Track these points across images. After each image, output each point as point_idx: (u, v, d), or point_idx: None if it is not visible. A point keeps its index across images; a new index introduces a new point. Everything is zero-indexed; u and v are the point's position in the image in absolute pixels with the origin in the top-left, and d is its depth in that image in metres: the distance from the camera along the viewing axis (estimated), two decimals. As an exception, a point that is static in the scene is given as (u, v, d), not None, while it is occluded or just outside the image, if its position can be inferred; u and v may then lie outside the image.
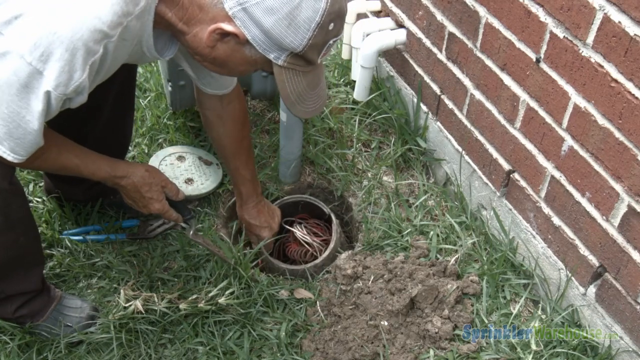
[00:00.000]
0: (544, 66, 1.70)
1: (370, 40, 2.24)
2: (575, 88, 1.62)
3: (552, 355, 1.77)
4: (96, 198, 2.12)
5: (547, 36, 1.65)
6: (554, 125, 1.74)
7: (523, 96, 1.82)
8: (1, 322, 1.77)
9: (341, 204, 2.31)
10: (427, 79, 2.25)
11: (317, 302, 1.93)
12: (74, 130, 1.67)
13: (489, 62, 1.91)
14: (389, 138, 2.43)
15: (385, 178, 2.32)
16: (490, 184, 2.07)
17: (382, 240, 2.10)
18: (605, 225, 1.66)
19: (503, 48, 1.82)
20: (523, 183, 1.92)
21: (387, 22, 2.35)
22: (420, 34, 2.22)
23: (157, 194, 1.75)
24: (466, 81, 2.04)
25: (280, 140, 2.23)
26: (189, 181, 2.21)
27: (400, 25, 2.32)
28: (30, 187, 2.19)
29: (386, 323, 1.85)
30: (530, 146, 1.85)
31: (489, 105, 1.97)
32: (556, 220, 1.83)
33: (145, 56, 1.49)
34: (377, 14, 2.42)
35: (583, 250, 1.76)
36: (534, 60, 1.72)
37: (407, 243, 2.08)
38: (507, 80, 1.86)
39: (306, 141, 2.35)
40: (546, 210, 1.86)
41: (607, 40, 1.47)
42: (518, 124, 1.87)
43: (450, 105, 2.16)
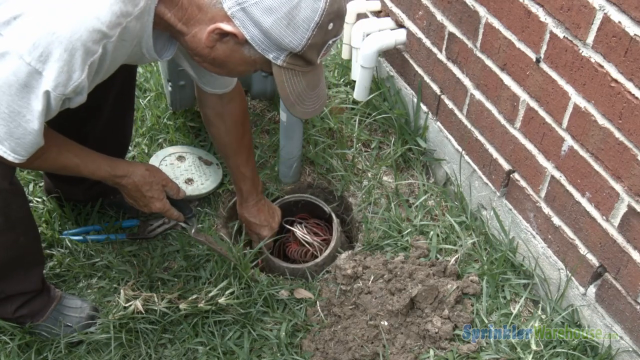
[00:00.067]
0: (544, 66, 1.70)
1: (370, 40, 2.24)
2: (575, 88, 1.62)
3: (552, 355, 1.77)
4: (96, 198, 2.12)
5: (547, 36, 1.65)
6: (554, 125, 1.74)
7: (523, 96, 1.81)
8: (1, 322, 1.77)
9: (341, 204, 2.31)
10: (427, 79, 2.25)
11: (317, 302, 1.93)
12: (74, 130, 1.67)
13: (489, 62, 1.91)
14: (389, 138, 2.43)
15: (385, 178, 2.32)
16: (490, 184, 2.07)
17: (382, 240, 2.10)
18: (605, 225, 1.66)
19: (503, 48, 1.82)
20: (523, 183, 1.92)
21: (387, 22, 2.35)
22: (420, 34, 2.22)
23: (158, 192, 1.75)
24: (466, 81, 2.04)
25: (280, 140, 2.23)
26: (189, 181, 2.21)
27: (400, 25, 2.32)
28: (30, 187, 2.19)
29: (386, 323, 1.85)
30: (530, 146, 1.85)
31: (489, 105, 1.97)
32: (556, 220, 1.83)
33: (145, 57, 1.49)
34: (377, 14, 2.42)
35: (583, 250, 1.76)
36: (534, 60, 1.72)
37: (407, 243, 2.08)
38: (507, 80, 1.86)
39: (306, 141, 2.35)
40: (546, 210, 1.86)
41: (607, 40, 1.47)
42: (518, 124, 1.87)
43: (450, 105, 2.16)
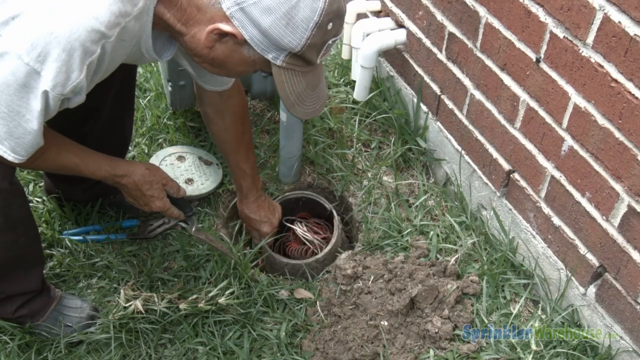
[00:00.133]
0: (544, 66, 1.70)
1: (370, 40, 2.24)
2: (575, 88, 1.62)
3: (552, 355, 1.77)
4: (96, 198, 2.12)
5: (547, 36, 1.65)
6: (554, 125, 1.74)
7: (523, 96, 1.81)
8: (1, 322, 1.77)
9: (341, 204, 2.31)
10: (427, 79, 2.25)
11: (317, 302, 1.93)
12: (73, 130, 1.67)
13: (489, 62, 1.91)
14: (389, 138, 2.43)
15: (385, 178, 2.32)
16: (490, 184, 2.07)
17: (382, 240, 2.10)
18: (605, 225, 1.66)
19: (503, 48, 1.82)
20: (523, 183, 1.92)
21: (387, 22, 2.35)
22: (420, 34, 2.22)
23: (158, 191, 1.75)
24: (466, 81, 2.04)
25: (280, 140, 2.23)
26: (189, 181, 2.21)
27: (400, 25, 2.32)
28: (30, 187, 2.19)
29: (386, 323, 1.85)
30: (530, 146, 1.85)
31: (489, 105, 1.97)
32: (556, 220, 1.83)
33: (144, 57, 1.48)
34: (377, 14, 2.42)
35: (583, 250, 1.76)
36: (534, 60, 1.72)
37: (407, 243, 2.08)
38: (507, 80, 1.86)
39: (306, 141, 2.35)
40: (546, 210, 1.85)
41: (607, 40, 1.47)
42: (518, 124, 1.87)
43: (450, 105, 2.16)
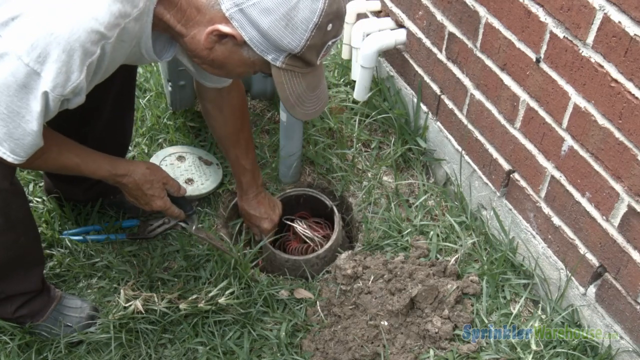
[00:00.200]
0: (544, 66, 1.70)
1: (370, 40, 2.24)
2: (575, 88, 1.62)
3: (552, 355, 1.77)
4: (96, 198, 2.12)
5: (547, 36, 1.65)
6: (554, 125, 1.74)
7: (523, 96, 1.81)
8: (1, 322, 1.77)
9: (341, 204, 2.31)
10: (427, 79, 2.25)
11: (317, 302, 1.93)
12: (74, 130, 1.67)
13: (489, 62, 1.91)
14: (389, 138, 2.43)
15: (385, 178, 2.32)
16: (490, 184, 2.07)
17: (382, 240, 2.10)
18: (605, 225, 1.66)
19: (503, 48, 1.82)
20: (523, 183, 1.92)
21: (387, 22, 2.35)
22: (420, 34, 2.22)
23: (159, 191, 1.75)
24: (466, 81, 2.04)
25: (280, 140, 2.23)
26: (189, 181, 2.21)
27: (400, 25, 2.32)
28: (30, 187, 2.19)
29: (386, 323, 1.85)
30: (530, 146, 1.85)
31: (489, 105, 1.97)
32: (556, 220, 1.83)
33: (144, 58, 1.48)
34: (377, 14, 2.42)
35: (583, 250, 1.76)
36: (534, 60, 1.72)
37: (407, 243, 2.08)
38: (507, 80, 1.86)
39: (306, 141, 2.35)
40: (546, 210, 1.85)
41: (607, 40, 1.47)
42: (518, 124, 1.87)
43: (450, 105, 2.16)
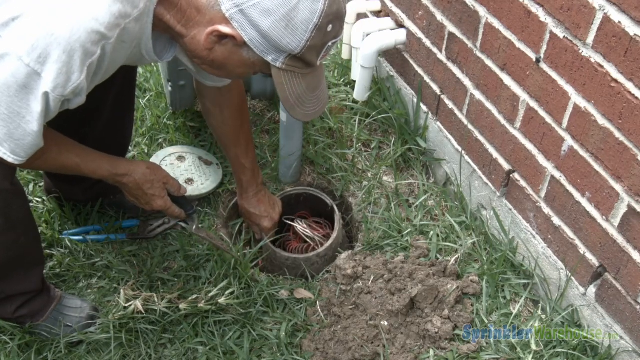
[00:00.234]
0: (544, 66, 1.70)
1: (370, 40, 2.24)
2: (575, 88, 1.62)
3: (552, 355, 1.77)
4: (96, 198, 2.12)
5: (547, 36, 1.65)
6: (554, 125, 1.74)
7: (523, 96, 1.81)
8: (1, 322, 1.77)
9: (341, 204, 2.31)
10: (427, 79, 2.25)
11: (317, 302, 1.93)
12: (74, 131, 1.67)
13: (489, 62, 1.91)
14: (389, 138, 2.43)
15: (385, 178, 2.32)
16: (490, 184, 2.07)
17: (382, 240, 2.10)
18: (605, 225, 1.66)
19: (503, 48, 1.82)
20: (523, 183, 1.92)
21: (387, 22, 2.35)
22: (420, 34, 2.22)
23: (159, 190, 1.75)
24: (466, 81, 2.04)
25: (280, 140, 2.23)
26: (189, 181, 2.21)
27: (400, 25, 2.32)
28: (30, 187, 2.19)
29: (386, 323, 1.85)
30: (530, 146, 1.85)
31: (489, 105, 1.97)
32: (556, 220, 1.83)
33: (144, 58, 1.48)
34: (377, 14, 2.42)
35: (583, 250, 1.76)
36: (534, 60, 1.72)
37: (407, 243, 2.08)
38: (507, 80, 1.86)
39: (306, 141, 2.35)
40: (546, 210, 1.85)
41: (607, 40, 1.47)
42: (518, 124, 1.87)
43: (450, 105, 2.16)
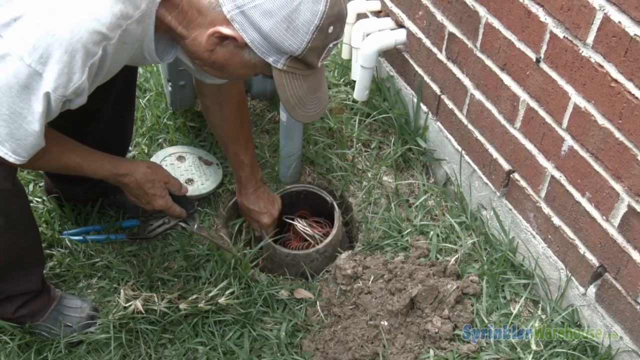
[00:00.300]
0: (544, 66, 1.70)
1: (370, 40, 2.24)
2: (575, 88, 1.62)
3: (552, 355, 1.77)
4: (96, 198, 2.12)
5: (547, 36, 1.65)
6: (554, 125, 1.74)
7: (523, 96, 1.81)
8: (1, 322, 1.77)
9: (341, 204, 2.31)
10: (427, 79, 2.25)
11: (317, 302, 1.93)
12: (75, 130, 1.67)
13: (489, 62, 1.91)
14: (389, 138, 2.43)
15: (385, 178, 2.32)
16: (490, 184, 2.07)
17: (382, 240, 2.10)
18: (605, 225, 1.66)
19: (503, 48, 1.82)
20: (523, 183, 1.92)
21: (387, 22, 2.35)
22: (420, 34, 2.22)
23: (160, 190, 1.75)
24: (466, 81, 2.04)
25: (280, 140, 2.23)
26: (189, 181, 2.21)
27: (400, 25, 2.32)
28: (30, 187, 2.19)
29: (386, 323, 1.85)
30: (530, 146, 1.85)
31: (489, 105, 1.97)
32: (556, 220, 1.83)
33: (146, 59, 1.49)
34: (377, 14, 2.42)
35: (583, 250, 1.76)
36: (534, 60, 1.72)
37: (407, 243, 2.08)
38: (507, 80, 1.86)
39: (306, 141, 2.35)
40: (546, 210, 1.86)
41: (607, 40, 1.47)
42: (518, 124, 1.87)
43: (450, 105, 2.16)
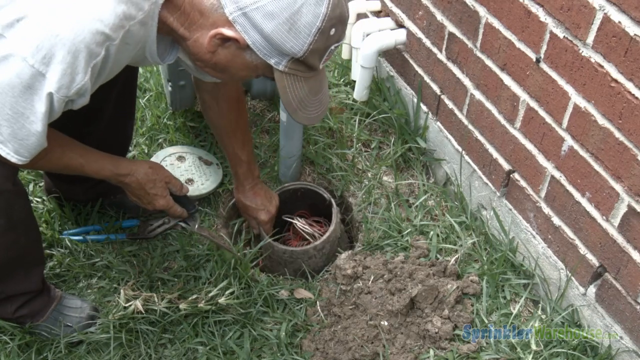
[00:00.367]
0: (544, 66, 1.70)
1: (370, 40, 2.24)
2: (575, 88, 1.62)
3: (552, 355, 1.77)
4: (96, 198, 2.12)
5: (547, 36, 1.65)
6: (554, 125, 1.74)
7: (523, 96, 1.82)
8: (1, 322, 1.76)
9: (341, 204, 2.31)
10: (427, 79, 2.25)
11: (317, 302, 1.93)
12: (75, 130, 1.67)
13: (489, 62, 1.91)
14: (389, 138, 2.43)
15: (385, 178, 2.32)
16: (490, 184, 2.07)
17: (382, 240, 2.10)
18: (605, 225, 1.66)
19: (503, 48, 1.82)
20: (523, 183, 1.92)
21: (387, 22, 2.35)
22: (420, 34, 2.22)
23: (161, 190, 1.75)
24: (466, 81, 2.04)
25: (280, 140, 2.23)
26: (189, 181, 2.21)
27: (400, 25, 2.32)
28: (30, 187, 2.19)
29: (386, 323, 1.85)
30: (530, 146, 1.85)
31: (489, 105, 1.97)
32: (556, 220, 1.83)
33: (147, 60, 1.49)
34: (377, 14, 2.42)
35: (583, 250, 1.76)
36: (534, 60, 1.72)
37: (407, 243, 2.08)
38: (507, 80, 1.86)
39: (306, 141, 2.35)
40: (546, 210, 1.86)
41: (607, 40, 1.47)
42: (518, 124, 1.87)
43: (450, 105, 2.16)
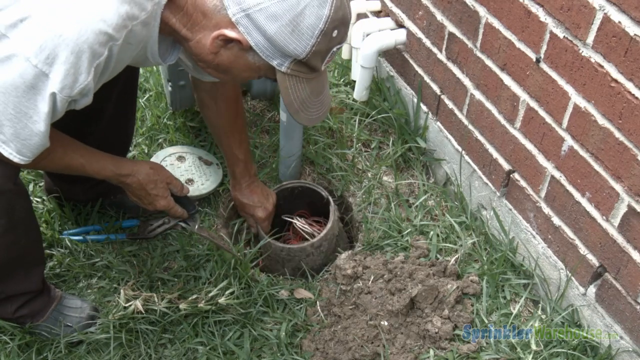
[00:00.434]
0: (544, 66, 1.70)
1: (370, 40, 2.24)
2: (575, 88, 1.62)
3: (552, 355, 1.77)
4: (96, 198, 2.12)
5: (547, 36, 1.65)
6: (554, 125, 1.74)
7: (523, 96, 1.82)
8: (1, 322, 1.76)
9: (341, 204, 2.31)
10: (427, 79, 2.25)
11: (317, 302, 1.93)
12: (77, 130, 1.67)
13: (489, 62, 1.91)
14: (389, 138, 2.43)
15: (385, 178, 2.32)
16: (490, 184, 2.07)
17: (382, 240, 2.10)
18: (605, 225, 1.66)
19: (503, 48, 1.82)
20: (523, 183, 1.92)
21: (387, 22, 2.35)
22: (420, 34, 2.22)
23: (162, 190, 1.75)
24: (466, 81, 2.04)
25: (280, 140, 2.23)
26: (189, 182, 2.21)
27: (400, 25, 2.32)
28: (30, 187, 2.19)
29: (386, 323, 1.85)
30: (530, 146, 1.85)
31: (489, 105, 1.97)
32: (556, 220, 1.83)
33: (148, 61, 1.49)
34: (377, 14, 2.42)
35: (583, 250, 1.76)
36: (534, 60, 1.72)
37: (407, 243, 2.08)
38: (507, 80, 1.86)
39: (306, 141, 2.35)
40: (546, 210, 1.86)
41: (607, 40, 1.47)
42: (518, 124, 1.87)
43: (450, 105, 2.16)
